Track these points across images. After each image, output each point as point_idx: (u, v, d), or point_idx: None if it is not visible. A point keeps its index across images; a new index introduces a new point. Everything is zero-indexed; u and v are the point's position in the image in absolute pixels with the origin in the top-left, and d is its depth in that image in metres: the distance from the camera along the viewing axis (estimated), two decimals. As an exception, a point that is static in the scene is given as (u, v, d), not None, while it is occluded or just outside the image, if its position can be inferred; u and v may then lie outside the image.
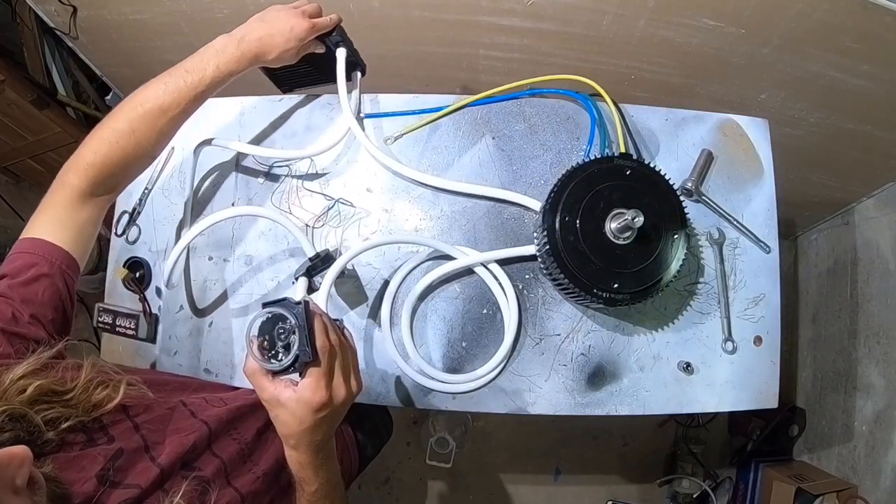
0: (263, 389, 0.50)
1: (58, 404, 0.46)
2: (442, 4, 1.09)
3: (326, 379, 0.50)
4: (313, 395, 0.49)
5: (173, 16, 1.20)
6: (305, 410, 0.49)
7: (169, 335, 0.84)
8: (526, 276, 0.77)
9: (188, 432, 0.55)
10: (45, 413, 0.44)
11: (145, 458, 0.50)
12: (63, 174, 0.62)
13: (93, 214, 0.64)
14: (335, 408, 0.51)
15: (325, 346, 0.49)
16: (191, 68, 0.65)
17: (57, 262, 0.58)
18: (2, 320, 0.52)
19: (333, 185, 0.82)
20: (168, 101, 0.63)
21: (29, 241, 0.59)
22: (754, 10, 0.98)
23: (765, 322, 0.77)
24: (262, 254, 0.82)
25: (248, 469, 0.60)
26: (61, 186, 0.61)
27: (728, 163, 0.81)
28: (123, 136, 0.62)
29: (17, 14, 1.43)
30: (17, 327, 0.52)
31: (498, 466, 1.89)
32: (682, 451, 1.85)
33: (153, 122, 0.63)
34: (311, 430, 0.51)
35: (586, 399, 0.75)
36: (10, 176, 1.84)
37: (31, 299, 0.55)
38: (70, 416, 0.46)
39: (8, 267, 0.57)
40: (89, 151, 0.62)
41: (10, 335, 0.51)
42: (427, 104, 0.83)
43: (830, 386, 1.63)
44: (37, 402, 0.44)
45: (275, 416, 0.51)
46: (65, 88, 1.61)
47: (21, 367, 0.46)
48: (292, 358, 0.47)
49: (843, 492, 1.46)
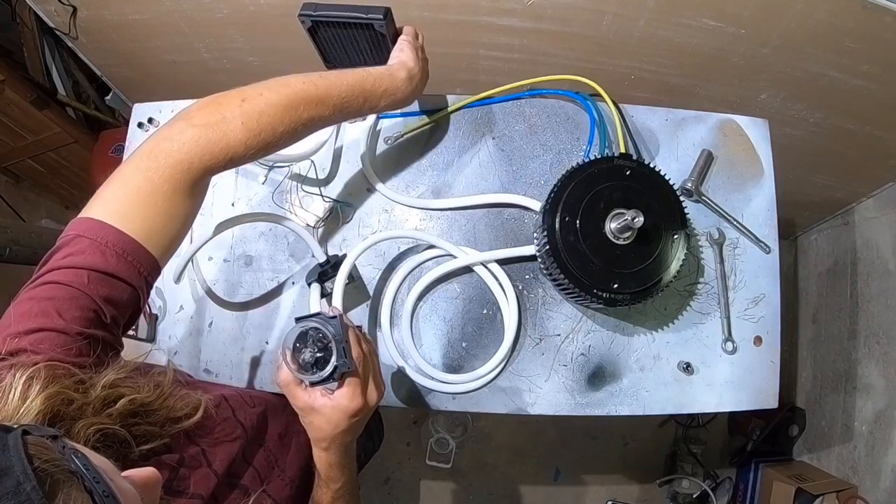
0: (297, 398, 0.52)
1: (143, 421, 0.43)
2: (442, 4, 1.09)
3: (362, 387, 0.52)
4: (350, 402, 0.51)
5: (173, 16, 1.20)
6: (342, 416, 0.51)
7: (169, 335, 0.84)
8: (526, 276, 0.77)
9: (232, 438, 0.56)
10: (136, 429, 0.42)
11: (203, 465, 0.50)
12: (185, 140, 0.48)
13: (194, 209, 0.53)
14: (368, 411, 0.53)
15: (360, 357, 0.52)
16: (359, 77, 0.60)
17: (144, 272, 0.48)
18: (82, 322, 0.43)
19: (333, 185, 0.82)
20: (334, 95, 0.57)
21: (118, 236, 0.46)
22: (754, 10, 0.98)
23: (765, 322, 0.77)
24: (262, 254, 0.82)
25: (277, 475, 0.61)
26: (177, 164, 0.48)
27: (728, 163, 0.81)
28: (273, 114, 0.52)
29: (17, 14, 1.43)
30: (99, 330, 0.45)
31: (498, 466, 1.89)
32: (682, 451, 1.85)
33: (316, 109, 0.56)
34: (344, 433, 0.53)
35: (586, 399, 0.75)
36: (10, 176, 1.84)
37: (114, 301, 0.46)
38: (155, 435, 0.44)
39: (91, 259, 0.45)
40: (268, 119, 0.51)
41: (91, 339, 0.44)
42: (427, 104, 0.83)
43: (830, 386, 1.63)
44: (128, 416, 0.41)
45: (308, 421, 0.53)
46: (65, 88, 1.61)
47: (113, 372, 0.41)
48: (331, 369, 0.49)
49: (843, 492, 1.46)
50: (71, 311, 0.43)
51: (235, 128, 0.50)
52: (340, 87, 0.57)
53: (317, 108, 0.55)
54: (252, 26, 1.18)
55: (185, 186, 0.49)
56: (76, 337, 0.43)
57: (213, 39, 1.26)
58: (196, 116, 0.50)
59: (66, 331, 0.42)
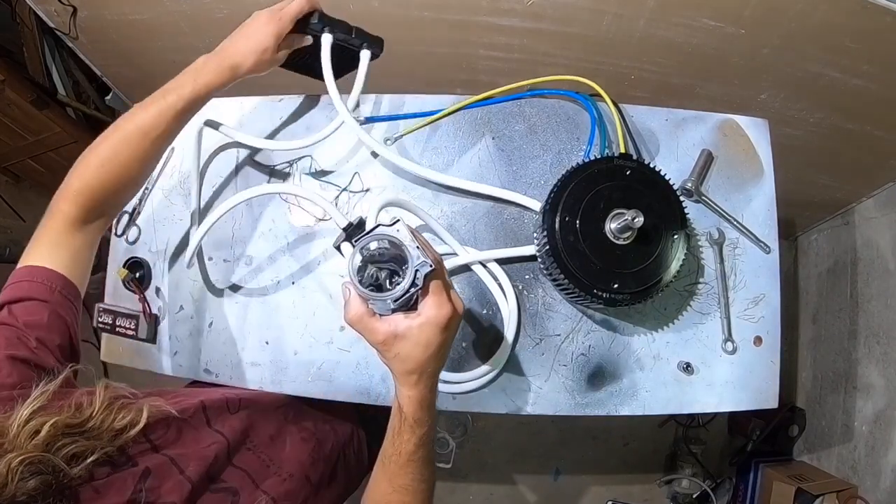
0: (375, 331, 0.47)
1: (79, 438, 0.43)
2: (442, 4, 1.09)
3: (447, 291, 0.47)
4: (440, 309, 0.46)
5: (173, 16, 1.20)
6: (433, 331, 0.46)
7: (169, 335, 0.84)
8: (526, 276, 0.77)
9: (208, 444, 0.55)
10: (66, 450, 0.42)
11: (175, 473, 0.50)
12: (54, 202, 0.61)
13: (87, 240, 0.63)
14: (458, 321, 0.49)
15: (438, 257, 0.47)
16: (169, 88, 0.65)
17: (56, 287, 0.57)
18: (7, 347, 0.50)
19: (333, 185, 0.82)
20: (148, 122, 0.63)
21: (26, 269, 0.58)
22: (754, 10, 0.98)
23: (765, 322, 0.77)
24: (262, 254, 0.82)
25: (273, 473, 0.60)
26: (53, 215, 0.61)
27: (728, 163, 0.81)
28: (107, 161, 0.62)
29: (17, 14, 1.43)
30: (25, 353, 0.50)
31: (498, 466, 1.89)
32: (682, 452, 1.85)
33: (136, 144, 0.63)
34: (436, 355, 0.48)
35: (586, 399, 0.75)
36: (10, 176, 1.84)
37: (35, 324, 0.54)
38: (95, 448, 0.44)
39: (7, 295, 0.56)
40: (76, 178, 0.62)
41: (18, 361, 0.49)
42: (427, 105, 0.83)
43: (830, 386, 1.63)
44: (54, 441, 0.42)
45: (394, 354, 0.48)
46: (65, 88, 1.61)
47: (26, 407, 0.43)
48: (412, 274, 0.43)
49: (843, 492, 1.46)
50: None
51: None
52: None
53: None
54: (252, 26, 1.18)
55: (76, 226, 0.62)
56: (5, 363, 0.48)
57: (213, 39, 1.24)
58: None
59: None
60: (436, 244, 0.75)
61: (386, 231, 0.45)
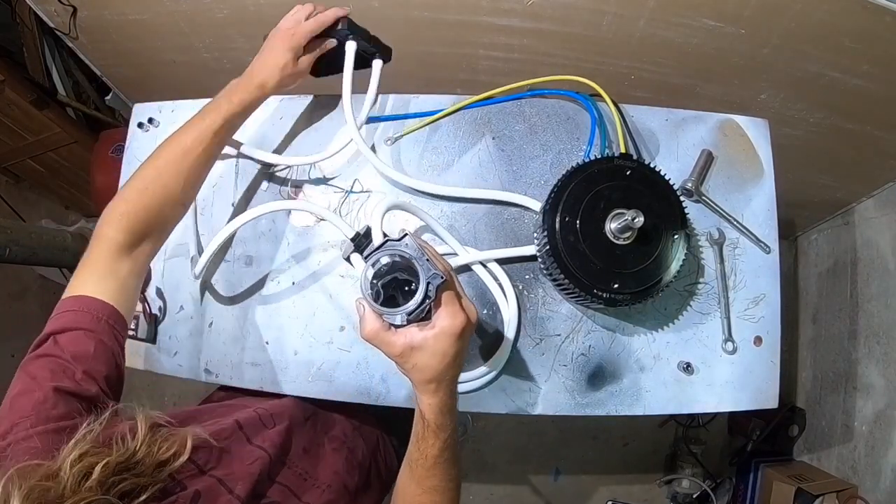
0: (392, 344, 0.48)
1: (128, 475, 0.43)
2: (442, 4, 1.09)
3: (459, 300, 0.48)
4: (454, 319, 0.47)
5: (173, 16, 1.20)
6: (448, 341, 0.47)
7: (169, 335, 0.84)
8: (526, 276, 0.77)
9: (251, 461, 0.55)
10: (118, 488, 0.41)
11: (224, 493, 0.50)
12: (99, 228, 0.60)
13: (135, 267, 0.62)
14: (472, 329, 0.50)
15: (448, 266, 0.48)
16: (207, 109, 0.67)
17: (103, 317, 0.56)
18: (53, 378, 0.49)
19: (333, 186, 0.82)
20: (189, 142, 0.64)
21: (72, 300, 0.56)
22: (754, 10, 0.98)
23: (765, 322, 0.77)
24: (262, 254, 0.82)
25: (312, 485, 0.61)
26: (99, 240, 0.60)
27: (728, 163, 0.81)
28: (151, 183, 0.63)
29: (17, 14, 1.43)
30: (70, 385, 0.49)
31: (498, 466, 1.89)
32: (682, 451, 1.85)
33: (178, 164, 0.64)
34: (452, 363, 0.49)
35: (586, 399, 0.75)
36: (10, 176, 1.84)
37: (81, 355, 0.52)
38: (146, 485, 0.43)
39: (53, 325, 0.54)
40: (121, 201, 0.62)
41: (64, 393, 0.48)
42: (427, 105, 0.83)
43: (830, 386, 1.63)
44: (106, 480, 0.41)
45: (412, 365, 0.49)
46: (65, 88, 1.61)
47: (75, 448, 0.42)
48: (423, 288, 0.44)
49: (843, 492, 1.46)
50: (43, 372, 0.49)
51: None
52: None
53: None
54: (252, 26, 1.18)
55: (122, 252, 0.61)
56: (51, 395, 0.48)
57: (213, 39, 1.26)
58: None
59: (44, 394, 0.47)
60: (436, 244, 0.75)
61: (395, 246, 0.46)
